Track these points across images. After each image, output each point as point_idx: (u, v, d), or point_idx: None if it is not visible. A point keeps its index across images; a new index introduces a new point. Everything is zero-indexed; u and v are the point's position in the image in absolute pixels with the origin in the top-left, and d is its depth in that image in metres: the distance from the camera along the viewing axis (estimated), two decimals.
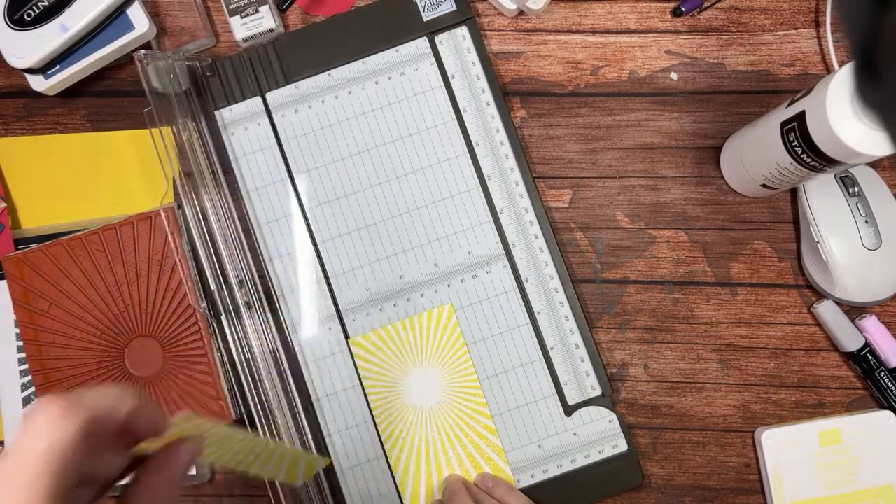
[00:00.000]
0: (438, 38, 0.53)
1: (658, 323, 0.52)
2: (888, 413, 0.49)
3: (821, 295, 0.51)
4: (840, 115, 0.39)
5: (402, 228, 0.52)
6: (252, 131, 0.53)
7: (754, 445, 0.51)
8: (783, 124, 0.43)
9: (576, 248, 0.53)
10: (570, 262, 0.52)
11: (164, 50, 0.54)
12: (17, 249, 0.52)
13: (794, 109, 0.42)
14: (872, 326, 0.50)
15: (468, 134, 0.52)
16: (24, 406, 0.51)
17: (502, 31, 0.54)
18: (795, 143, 0.43)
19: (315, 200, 0.52)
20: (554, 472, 0.50)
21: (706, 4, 0.54)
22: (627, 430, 0.50)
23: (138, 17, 0.51)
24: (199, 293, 0.50)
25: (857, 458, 0.49)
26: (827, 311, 0.50)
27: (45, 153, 0.54)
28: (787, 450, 0.49)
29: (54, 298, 0.50)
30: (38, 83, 0.51)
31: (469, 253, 0.52)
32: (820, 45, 0.53)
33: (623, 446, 0.50)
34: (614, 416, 0.50)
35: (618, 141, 0.53)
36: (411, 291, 0.51)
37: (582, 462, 0.50)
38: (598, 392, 0.50)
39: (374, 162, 0.52)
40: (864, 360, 0.50)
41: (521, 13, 0.54)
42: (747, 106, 0.53)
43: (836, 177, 0.50)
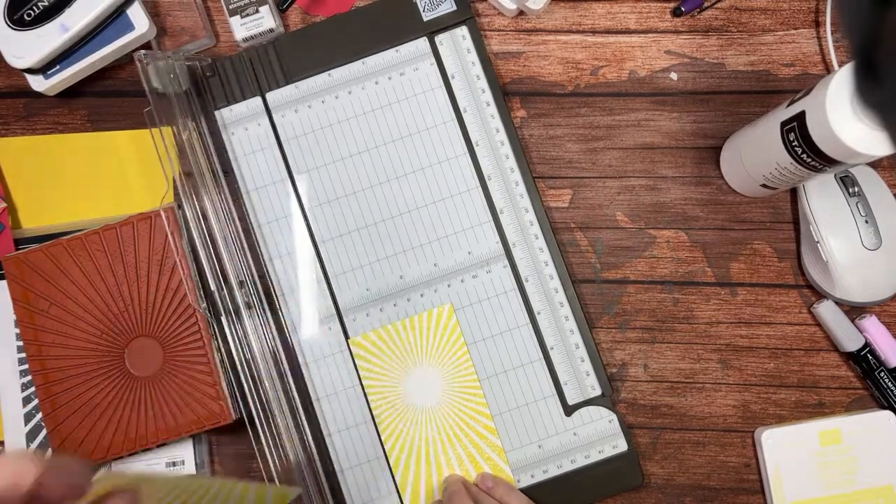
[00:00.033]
0: (438, 38, 0.53)
1: (658, 323, 0.52)
2: (888, 413, 0.49)
3: (821, 295, 0.51)
4: (840, 115, 0.39)
5: (402, 228, 0.52)
6: (252, 131, 0.53)
7: (754, 445, 0.51)
8: (783, 124, 0.43)
9: (576, 248, 0.53)
10: (570, 262, 0.52)
11: (164, 50, 0.54)
12: (17, 249, 0.52)
13: (794, 109, 0.42)
14: (872, 326, 0.50)
15: (468, 134, 0.52)
16: (24, 406, 0.51)
17: (502, 31, 0.54)
18: (795, 143, 0.43)
19: (315, 200, 0.52)
20: (554, 472, 0.50)
21: (706, 4, 0.54)
22: (627, 430, 0.50)
23: (138, 17, 0.51)
24: (199, 293, 0.50)
25: (856, 458, 0.49)
26: (827, 311, 0.50)
27: (45, 153, 0.54)
28: (787, 450, 0.49)
29: (54, 298, 0.50)
30: (38, 83, 0.51)
31: (469, 253, 0.52)
32: (820, 45, 0.53)
33: (623, 446, 0.50)
34: (614, 416, 0.50)
35: (618, 141, 0.53)
36: (411, 291, 0.51)
37: (582, 462, 0.50)
38: (598, 392, 0.50)
39: (374, 162, 0.52)
40: (864, 360, 0.50)
41: (521, 13, 0.54)
42: (747, 106, 0.53)
43: (836, 177, 0.50)
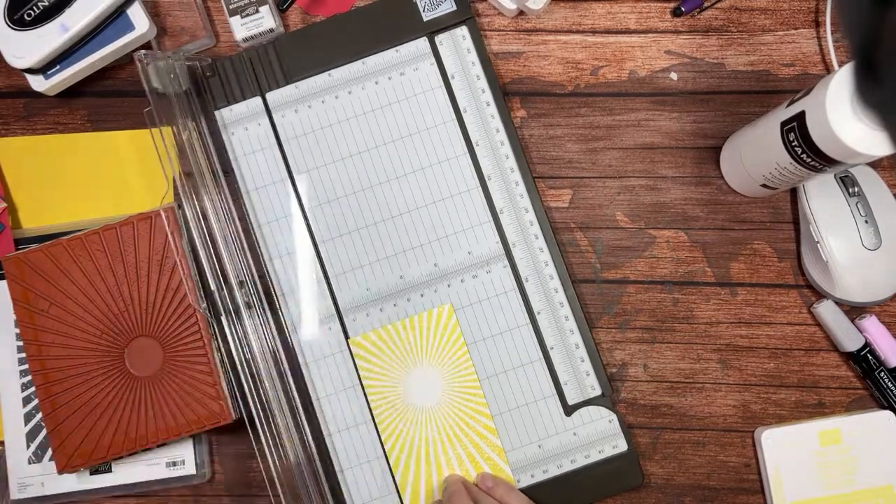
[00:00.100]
0: (438, 38, 0.53)
1: (658, 323, 0.52)
2: (888, 413, 0.49)
3: (821, 295, 0.51)
4: (840, 115, 0.39)
5: (402, 228, 0.52)
6: (252, 131, 0.53)
7: (754, 445, 0.51)
8: (783, 124, 0.43)
9: (576, 248, 0.53)
10: (570, 262, 0.52)
11: (164, 50, 0.54)
12: (17, 249, 0.52)
13: (794, 109, 0.42)
14: (872, 326, 0.50)
15: (468, 134, 0.52)
16: (24, 406, 0.51)
17: (502, 31, 0.54)
18: (795, 143, 0.43)
19: (315, 200, 0.52)
20: (554, 472, 0.50)
21: (706, 4, 0.54)
22: (627, 430, 0.50)
23: (138, 17, 0.51)
24: (199, 293, 0.50)
25: (856, 458, 0.49)
26: (827, 311, 0.50)
27: (45, 153, 0.54)
28: (787, 450, 0.49)
29: (54, 298, 0.50)
30: (38, 83, 0.51)
31: (469, 253, 0.52)
32: (820, 45, 0.53)
33: (623, 446, 0.50)
34: (614, 416, 0.50)
35: (618, 141, 0.53)
36: (411, 291, 0.51)
37: (582, 462, 0.50)
38: (598, 392, 0.50)
39: (374, 162, 0.52)
40: (864, 360, 0.50)
41: (521, 13, 0.54)
42: (747, 106, 0.53)
43: (836, 177, 0.50)
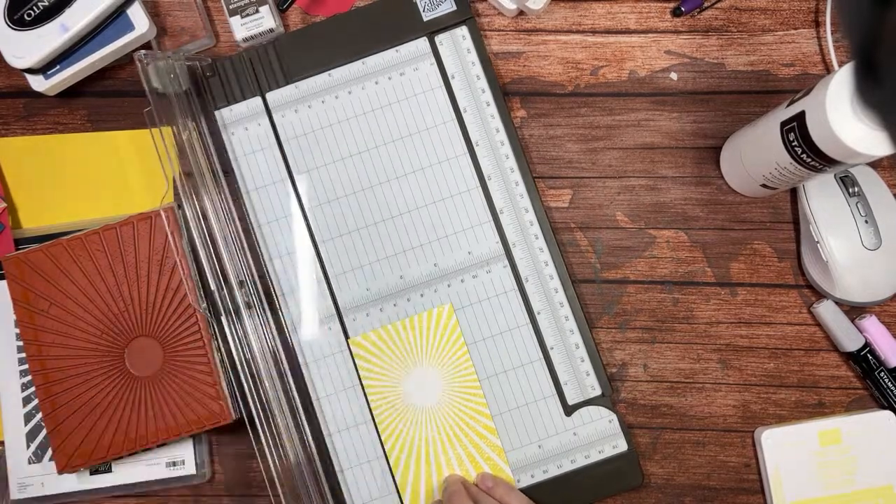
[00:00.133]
0: (438, 38, 0.53)
1: (658, 323, 0.52)
2: (888, 413, 0.49)
3: (821, 295, 0.51)
4: (840, 115, 0.39)
5: (402, 228, 0.52)
6: (252, 131, 0.53)
7: (754, 445, 0.51)
8: (783, 124, 0.43)
9: (576, 248, 0.53)
10: (570, 262, 0.52)
11: (164, 50, 0.54)
12: (17, 249, 0.52)
13: (794, 109, 0.42)
14: (872, 326, 0.50)
15: (468, 134, 0.52)
16: (24, 406, 0.51)
17: (502, 31, 0.54)
18: (795, 143, 0.43)
19: (315, 200, 0.52)
20: (554, 472, 0.50)
21: (706, 4, 0.54)
22: (627, 430, 0.50)
23: (138, 17, 0.51)
24: (199, 293, 0.50)
25: (856, 458, 0.49)
26: (827, 311, 0.50)
27: (45, 153, 0.54)
28: (786, 450, 0.49)
29: (54, 298, 0.50)
30: (38, 83, 0.51)
31: (469, 253, 0.52)
32: (820, 45, 0.53)
33: (623, 446, 0.50)
34: (614, 416, 0.50)
35: (618, 141, 0.53)
36: (411, 291, 0.51)
37: (582, 462, 0.50)
38: (598, 392, 0.50)
39: (374, 162, 0.52)
40: (864, 360, 0.50)
41: (521, 13, 0.54)
42: (747, 106, 0.53)
43: (836, 177, 0.50)
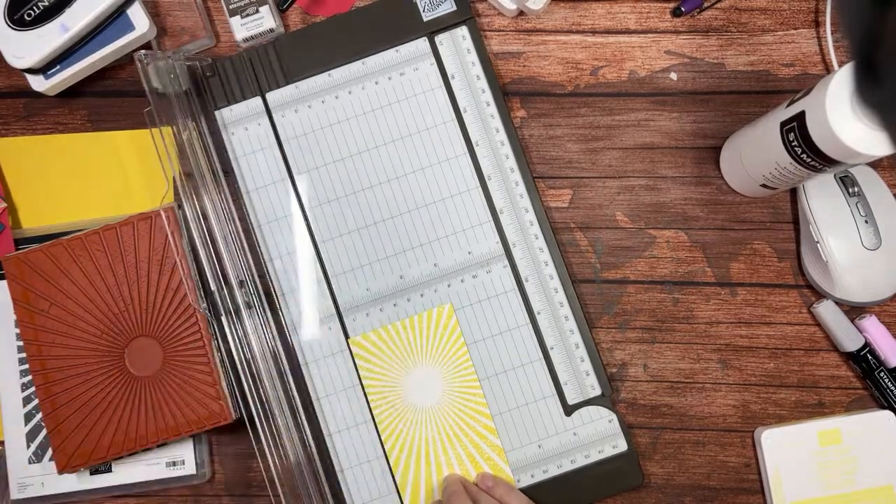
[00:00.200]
0: (438, 39, 0.53)
1: (658, 323, 0.52)
2: (888, 413, 0.49)
3: (821, 295, 0.51)
4: (840, 115, 0.39)
5: (402, 228, 0.52)
6: (252, 131, 0.53)
7: (754, 445, 0.51)
8: (783, 124, 0.43)
9: (576, 248, 0.53)
10: (570, 262, 0.52)
11: (164, 50, 0.54)
12: (17, 249, 0.52)
13: (794, 109, 0.42)
14: (872, 326, 0.50)
15: (468, 134, 0.52)
16: (24, 406, 0.51)
17: (502, 31, 0.54)
18: (795, 143, 0.43)
19: (315, 200, 0.52)
20: (554, 471, 0.50)
21: (706, 4, 0.54)
22: (627, 429, 0.50)
23: (138, 17, 0.51)
24: (199, 293, 0.50)
25: (856, 458, 0.49)
26: (827, 311, 0.50)
27: (45, 153, 0.54)
28: (786, 450, 0.49)
29: (54, 298, 0.50)
30: (38, 83, 0.51)
31: (469, 253, 0.52)
32: (820, 45, 0.53)
33: (623, 446, 0.50)
34: (614, 416, 0.50)
35: (618, 141, 0.53)
36: (411, 291, 0.51)
37: (582, 462, 0.50)
38: (597, 392, 0.50)
39: (374, 162, 0.52)
40: (864, 360, 0.50)
41: (521, 13, 0.54)
42: (747, 106, 0.53)
43: (836, 177, 0.50)
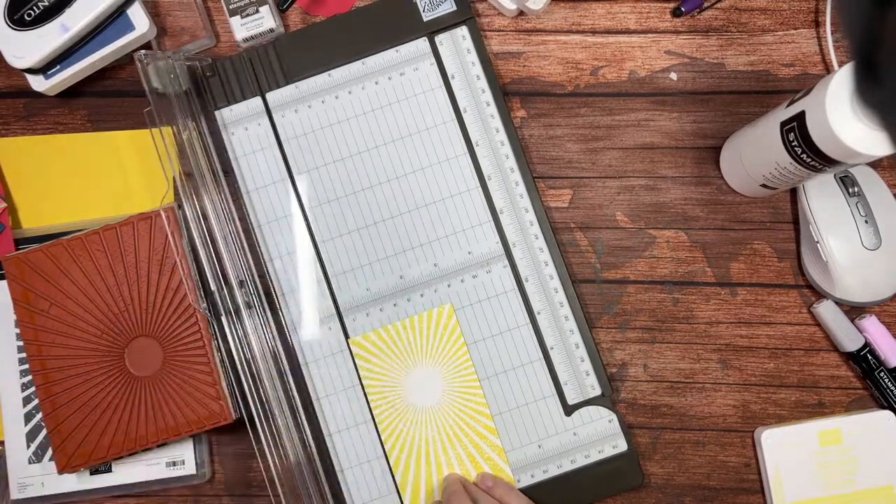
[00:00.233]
0: (438, 39, 0.53)
1: (658, 323, 0.52)
2: (888, 413, 0.49)
3: (821, 295, 0.51)
4: (840, 115, 0.39)
5: (402, 228, 0.52)
6: (252, 131, 0.53)
7: (754, 445, 0.51)
8: (783, 124, 0.43)
9: (576, 248, 0.53)
10: (570, 262, 0.52)
11: (164, 50, 0.54)
12: (17, 249, 0.52)
13: (794, 109, 0.42)
14: (872, 326, 0.50)
15: (468, 134, 0.52)
16: (25, 406, 0.51)
17: (502, 31, 0.54)
18: (795, 143, 0.43)
19: (315, 200, 0.52)
20: (554, 471, 0.50)
21: (706, 4, 0.54)
22: (627, 429, 0.50)
23: (138, 18, 0.51)
24: (199, 293, 0.50)
25: (856, 458, 0.49)
26: (827, 311, 0.50)
27: (45, 153, 0.54)
28: (786, 450, 0.49)
29: (54, 298, 0.50)
30: (38, 83, 0.51)
31: (469, 253, 0.52)
32: (820, 45, 0.53)
33: (623, 446, 0.50)
34: (614, 416, 0.50)
35: (618, 141, 0.53)
36: (411, 291, 0.51)
37: (582, 462, 0.50)
38: (597, 392, 0.50)
39: (374, 162, 0.52)
40: (864, 360, 0.50)
41: (521, 13, 0.54)
42: (747, 106, 0.53)
43: (836, 177, 0.50)
